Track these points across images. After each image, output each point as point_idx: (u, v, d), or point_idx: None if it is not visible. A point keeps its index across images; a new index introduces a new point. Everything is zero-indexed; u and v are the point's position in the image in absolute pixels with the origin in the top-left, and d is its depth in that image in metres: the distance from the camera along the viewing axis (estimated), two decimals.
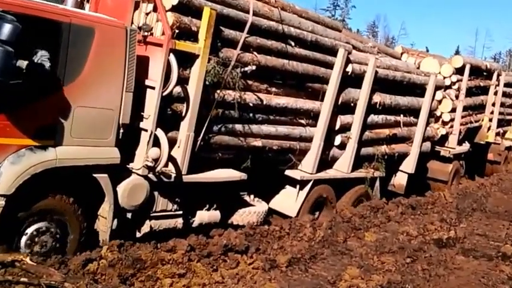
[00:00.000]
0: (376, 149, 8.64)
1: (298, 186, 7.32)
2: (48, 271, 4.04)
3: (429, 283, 5.49)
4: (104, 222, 4.79)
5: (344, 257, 6.04)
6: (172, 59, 4.84)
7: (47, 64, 3.96)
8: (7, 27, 3.48)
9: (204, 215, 5.95)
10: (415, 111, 9.42)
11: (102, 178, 4.60)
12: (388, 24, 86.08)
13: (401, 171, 9.59)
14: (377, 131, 8.69)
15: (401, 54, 11.21)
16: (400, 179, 9.67)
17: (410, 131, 9.44)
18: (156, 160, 4.92)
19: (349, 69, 7.51)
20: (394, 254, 6.22)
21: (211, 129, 5.74)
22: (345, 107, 7.74)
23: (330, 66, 7.18)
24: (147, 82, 4.93)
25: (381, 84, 8.36)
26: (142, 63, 4.96)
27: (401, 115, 9.11)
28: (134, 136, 5.03)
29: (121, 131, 4.72)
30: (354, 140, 7.94)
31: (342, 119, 7.72)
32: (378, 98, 8.36)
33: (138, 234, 5.30)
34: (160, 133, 4.97)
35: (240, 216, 6.48)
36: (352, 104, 7.82)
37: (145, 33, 4.89)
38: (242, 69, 5.70)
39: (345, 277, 5.31)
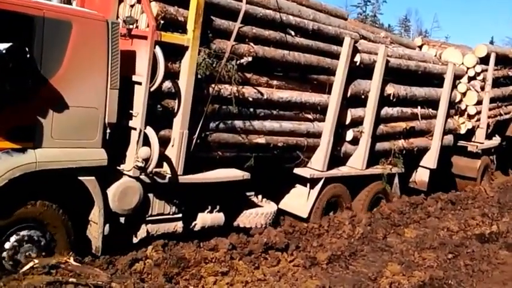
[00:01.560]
0: (392, 144, 8.19)
1: (308, 185, 6.94)
2: (94, 271, 4.20)
3: (472, 278, 5.46)
4: (96, 228, 4.53)
5: (384, 254, 6.07)
6: (158, 51, 4.58)
7: (21, 60, 3.73)
8: None
9: (207, 218, 5.63)
10: (433, 103, 8.93)
11: (89, 181, 4.35)
12: (421, 17, 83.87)
13: (423, 166, 9.09)
14: (393, 125, 8.24)
15: (421, 46, 10.62)
16: (421, 175, 9.17)
17: (430, 123, 8.94)
18: (146, 160, 4.65)
19: (357, 59, 7.11)
20: (436, 250, 6.21)
21: (207, 127, 5.44)
22: (355, 100, 7.34)
23: (336, 56, 6.80)
24: (134, 78, 4.69)
25: (394, 74, 7.93)
26: (129, 58, 4.72)
27: (419, 107, 8.64)
28: (124, 136, 4.77)
29: (108, 130, 4.47)
30: (367, 134, 7.51)
31: (352, 113, 7.32)
32: (391, 89, 7.92)
33: (134, 240, 5.03)
34: (150, 131, 4.70)
35: (247, 218, 6.15)
36: (363, 97, 7.40)
37: (130, 26, 4.65)
38: (238, 62, 5.38)
39: (386, 273, 5.35)
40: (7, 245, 4.00)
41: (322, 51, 6.59)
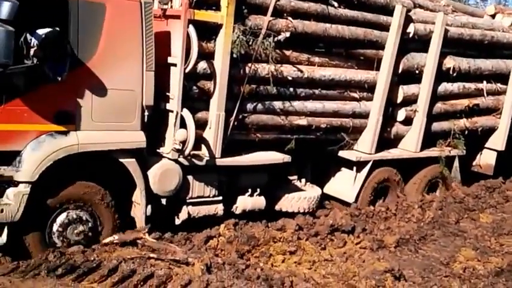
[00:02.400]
0: (452, 123, 8.16)
1: (355, 169, 7.13)
2: (171, 247, 4.81)
3: None
4: (138, 209, 5.03)
5: (457, 239, 6.30)
6: (192, 30, 4.94)
7: (60, 44, 4.22)
8: (5, 5, 3.73)
9: (247, 201, 6.03)
10: (502, 77, 8.70)
11: (130, 163, 4.85)
12: None
13: (488, 148, 8.95)
14: (453, 102, 8.18)
15: (494, 15, 10.21)
16: (487, 158, 9.05)
17: (498, 100, 8.76)
18: (183, 143, 5.07)
19: (410, 29, 7.12)
20: None
21: (245, 108, 5.78)
22: (408, 76, 7.39)
23: (385, 28, 6.87)
24: (170, 59, 5.10)
25: (455, 46, 7.84)
26: (165, 40, 5.12)
27: (485, 82, 8.46)
28: (163, 119, 5.22)
29: (146, 113, 4.92)
30: (421, 113, 7.55)
31: (405, 90, 7.38)
32: (451, 62, 7.84)
33: (177, 221, 5.54)
34: (186, 113, 5.11)
35: (289, 203, 6.49)
36: (417, 72, 7.43)
37: (164, 6, 5.03)
38: (275, 38, 5.64)
39: (459, 258, 5.62)
40: (57, 222, 4.62)
41: (370, 22, 6.69)
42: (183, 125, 5.16)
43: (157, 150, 5.25)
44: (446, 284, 4.99)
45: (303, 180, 7.00)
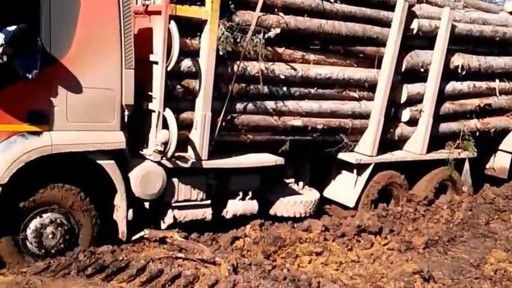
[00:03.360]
0: (462, 124, 7.80)
1: (355, 172, 6.83)
2: (199, 247, 4.91)
3: None
4: (120, 213, 4.86)
5: (487, 240, 6.30)
6: (173, 26, 4.75)
7: (30, 41, 4.07)
8: None
9: (238, 205, 5.80)
10: None
11: (109, 165, 4.67)
12: None
13: (503, 150, 8.53)
14: (462, 102, 7.83)
15: None
16: (501, 161, 8.66)
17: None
18: (166, 144, 4.86)
19: (414, 25, 6.80)
20: None
21: (234, 108, 5.56)
22: (412, 74, 7.04)
23: (386, 24, 6.56)
24: (152, 57, 4.91)
25: (464, 42, 7.50)
26: (148, 37, 4.94)
27: (497, 80, 8.05)
28: (146, 119, 5.03)
29: (126, 113, 4.73)
30: (427, 113, 7.22)
31: (409, 89, 7.06)
32: (459, 60, 7.49)
33: (162, 226, 5.33)
34: (168, 114, 4.92)
35: (285, 207, 6.26)
36: (422, 70, 7.08)
37: (146, 2, 4.85)
38: (266, 35, 5.39)
39: (489, 260, 5.59)
40: (31, 227, 4.45)
41: (369, 18, 6.40)
42: (166, 125, 4.96)
43: (140, 152, 5.06)
44: (476, 286, 4.93)
45: (301, 183, 6.74)
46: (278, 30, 5.43)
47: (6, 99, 4.14)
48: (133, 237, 5.02)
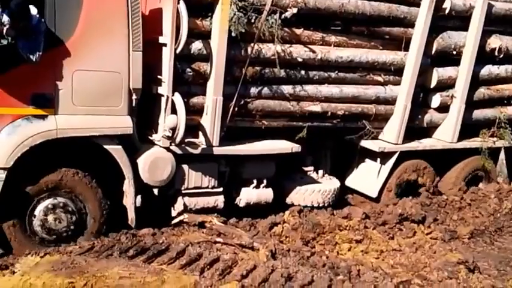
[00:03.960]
0: (498, 111, 7.30)
1: (378, 160, 6.50)
2: (237, 232, 4.95)
3: None
4: (128, 199, 4.78)
5: None
6: (182, 6, 4.55)
7: (36, 20, 3.98)
8: None
9: (252, 194, 5.62)
10: None
11: (115, 150, 4.57)
12: None
13: None
14: (498, 87, 7.33)
15: None
16: None
17: None
18: (174, 129, 4.71)
19: (446, 5, 6.34)
20: None
21: (248, 93, 5.34)
22: (443, 57, 6.59)
23: (415, 3, 6.12)
24: (161, 39, 4.74)
25: (502, 23, 6.96)
26: (158, 18, 4.77)
27: None
28: (156, 104, 4.89)
29: (134, 97, 4.60)
30: (459, 99, 6.78)
31: (439, 73, 6.63)
32: (496, 42, 6.97)
33: (173, 213, 5.23)
34: (177, 98, 4.75)
35: (302, 196, 6.04)
36: (454, 53, 6.61)
37: None
38: (282, 16, 5.11)
39: None
40: (37, 211, 4.42)
41: None
42: (174, 110, 4.80)
43: (149, 138, 4.93)
44: None
45: (321, 171, 6.48)
46: (295, 10, 5.14)
47: (11, 82, 4.08)
48: (173, 221, 5.12)
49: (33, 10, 4.05)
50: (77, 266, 3.81)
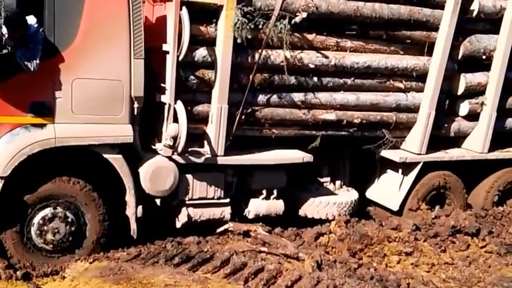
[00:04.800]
0: None
1: (400, 171, 6.09)
2: (282, 241, 4.90)
3: None
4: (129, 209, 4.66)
5: None
6: (184, 13, 4.40)
7: (34, 29, 3.94)
8: None
9: (261, 205, 5.39)
10: None
11: (116, 159, 4.46)
12: None
13: None
14: None
15: None
16: None
17: None
18: (176, 138, 4.55)
19: (474, 6, 5.89)
20: None
21: (256, 101, 5.12)
22: (472, 62, 6.13)
23: (438, 5, 5.71)
24: (164, 47, 4.61)
25: None
26: (163, 25, 4.65)
27: None
28: (159, 112, 4.76)
29: (136, 105, 4.48)
30: (490, 107, 6.31)
31: (468, 79, 6.17)
32: None
33: (177, 224, 5.06)
34: (179, 106, 4.59)
35: (316, 208, 5.74)
36: (484, 57, 6.13)
37: None
38: (293, 21, 4.87)
39: None
40: (35, 221, 4.35)
41: None
42: (177, 119, 4.64)
43: (153, 147, 4.80)
44: None
45: (338, 182, 6.16)
46: (305, 15, 4.88)
47: (10, 90, 4.04)
48: (218, 230, 5.11)
49: (32, 19, 4.02)
50: (124, 272, 3.87)
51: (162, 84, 4.68)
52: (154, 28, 4.77)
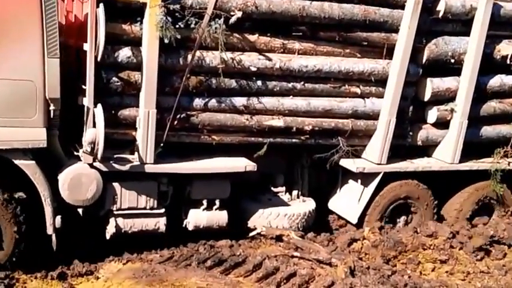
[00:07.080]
0: None
1: (359, 182, 5.40)
2: (315, 247, 4.72)
3: None
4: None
5: None
6: (100, 11, 3.89)
7: None
8: None
9: (201, 216, 4.81)
10: None
11: (27, 166, 3.96)
12: None
13: None
14: None
15: None
16: None
17: None
18: (94, 144, 4.02)
19: (440, 7, 5.20)
20: None
21: (192, 105, 4.58)
22: (440, 66, 5.40)
23: (398, 5, 5.04)
24: (84, 46, 4.09)
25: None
26: (83, 24, 4.16)
27: None
28: (81, 115, 4.24)
29: (52, 107, 3.98)
30: (460, 114, 5.58)
31: (435, 84, 5.47)
32: (508, 49, 5.72)
33: (107, 235, 4.53)
34: (97, 110, 4.06)
35: (265, 220, 5.13)
36: (452, 61, 5.39)
37: None
38: (231, 21, 4.30)
39: None
40: None
41: None
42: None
43: (75, 153, 4.28)
44: None
45: (294, 192, 5.51)
46: (239, 14, 4.31)
47: None
48: (251, 234, 4.96)
49: None
50: (156, 274, 3.79)
51: (83, 86, 4.17)
52: (82, 27, 4.28)
